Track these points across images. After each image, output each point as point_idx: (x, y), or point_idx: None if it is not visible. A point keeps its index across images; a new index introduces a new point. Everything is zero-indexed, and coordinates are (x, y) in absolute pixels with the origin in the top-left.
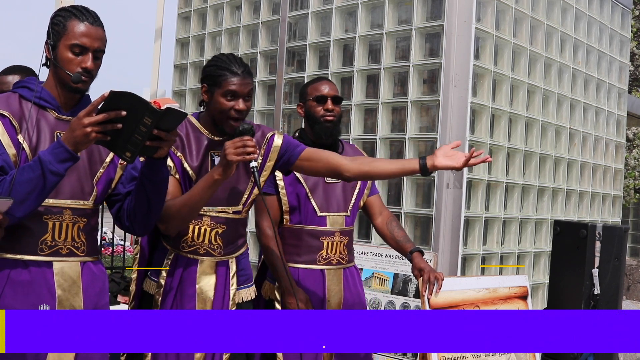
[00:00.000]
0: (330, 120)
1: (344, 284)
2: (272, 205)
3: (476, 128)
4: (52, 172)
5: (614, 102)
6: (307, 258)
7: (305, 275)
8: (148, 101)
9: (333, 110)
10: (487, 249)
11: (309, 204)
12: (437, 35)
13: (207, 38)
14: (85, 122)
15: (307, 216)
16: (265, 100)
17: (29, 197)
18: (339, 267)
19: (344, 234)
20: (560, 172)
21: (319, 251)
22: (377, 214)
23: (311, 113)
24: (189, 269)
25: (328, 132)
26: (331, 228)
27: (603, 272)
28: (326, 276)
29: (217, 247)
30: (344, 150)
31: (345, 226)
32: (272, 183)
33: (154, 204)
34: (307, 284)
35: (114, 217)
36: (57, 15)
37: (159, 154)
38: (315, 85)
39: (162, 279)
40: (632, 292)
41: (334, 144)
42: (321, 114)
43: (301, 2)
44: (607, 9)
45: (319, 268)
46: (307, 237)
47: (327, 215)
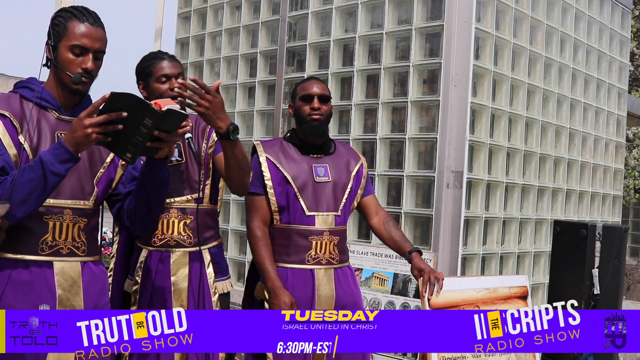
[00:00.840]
0: (317, 119)
1: (335, 283)
2: (261, 205)
3: (476, 128)
4: (53, 173)
5: (614, 102)
6: (296, 258)
7: (295, 275)
8: (149, 102)
9: (319, 109)
10: (487, 249)
11: (298, 203)
12: (437, 35)
13: (207, 38)
14: (86, 123)
15: (295, 216)
16: (265, 100)
17: (30, 197)
18: (329, 267)
19: (333, 234)
20: (560, 172)
21: (307, 251)
22: (373, 214)
23: (299, 112)
24: (162, 263)
25: (314, 131)
26: (320, 227)
27: (603, 272)
28: (316, 276)
29: (187, 238)
30: (336, 149)
31: (335, 226)
32: (260, 183)
33: (154, 203)
34: (296, 284)
35: (115, 217)
36: (58, 16)
37: (160, 155)
38: (304, 85)
39: (137, 277)
40: (632, 292)
41: (324, 144)
42: (307, 112)
43: (301, 2)
44: (607, 9)
45: (309, 268)
46: (296, 236)
47: (315, 215)
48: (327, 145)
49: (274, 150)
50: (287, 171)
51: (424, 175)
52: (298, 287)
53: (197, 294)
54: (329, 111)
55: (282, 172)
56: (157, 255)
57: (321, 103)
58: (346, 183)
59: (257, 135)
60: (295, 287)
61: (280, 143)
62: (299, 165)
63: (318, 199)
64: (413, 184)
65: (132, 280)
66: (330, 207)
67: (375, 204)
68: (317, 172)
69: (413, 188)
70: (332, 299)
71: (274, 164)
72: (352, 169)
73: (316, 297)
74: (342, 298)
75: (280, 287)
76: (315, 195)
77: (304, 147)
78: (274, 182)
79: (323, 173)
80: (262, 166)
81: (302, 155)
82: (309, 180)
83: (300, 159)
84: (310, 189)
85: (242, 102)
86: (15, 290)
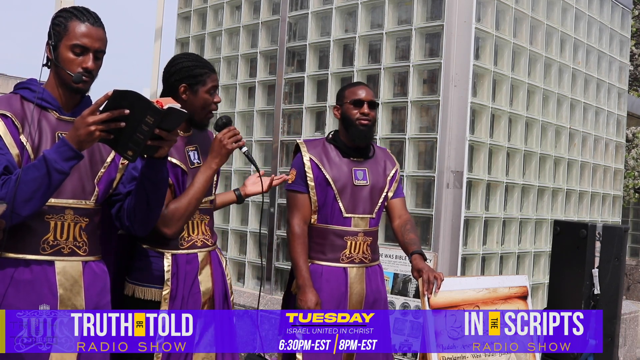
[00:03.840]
0: (365, 124)
1: (366, 282)
2: (304, 203)
3: (476, 128)
4: (57, 171)
5: (614, 102)
6: (332, 256)
7: (329, 272)
8: (151, 100)
9: (369, 114)
10: (487, 249)
11: (337, 204)
12: (437, 35)
13: (207, 38)
14: (89, 121)
15: (333, 216)
16: (265, 100)
17: (34, 195)
18: (361, 265)
19: (367, 235)
20: (560, 172)
21: (342, 250)
22: (396, 217)
23: (347, 116)
24: (189, 264)
25: (362, 135)
26: (355, 229)
27: (603, 272)
28: (349, 274)
29: (208, 238)
30: (375, 153)
31: (369, 227)
32: (304, 182)
33: (153, 203)
34: (330, 281)
35: (114, 217)
36: (59, 16)
37: (160, 154)
38: (353, 89)
39: (167, 283)
40: (632, 292)
41: (365, 148)
42: (357, 117)
43: (301, 2)
44: (607, 9)
45: (342, 266)
46: (332, 236)
47: (352, 217)
48: (367, 149)
49: (317, 150)
50: (328, 173)
51: (424, 175)
52: (332, 283)
53: (222, 294)
54: (375, 117)
55: (323, 173)
56: (184, 257)
57: (370, 109)
58: (382, 187)
59: (256, 136)
60: (329, 283)
61: (323, 144)
62: (339, 167)
63: (356, 201)
64: (413, 183)
65: (154, 287)
66: (366, 209)
67: (401, 207)
68: (357, 176)
69: (413, 188)
70: (362, 297)
71: (317, 164)
72: (388, 172)
73: (348, 295)
74: (371, 296)
75: (309, 286)
76: (353, 198)
77: (345, 149)
78: (316, 182)
79: (362, 177)
80: (306, 166)
81: (342, 158)
82: (349, 183)
83: (341, 162)
84: (349, 192)
85: (242, 102)
86: (17, 289)
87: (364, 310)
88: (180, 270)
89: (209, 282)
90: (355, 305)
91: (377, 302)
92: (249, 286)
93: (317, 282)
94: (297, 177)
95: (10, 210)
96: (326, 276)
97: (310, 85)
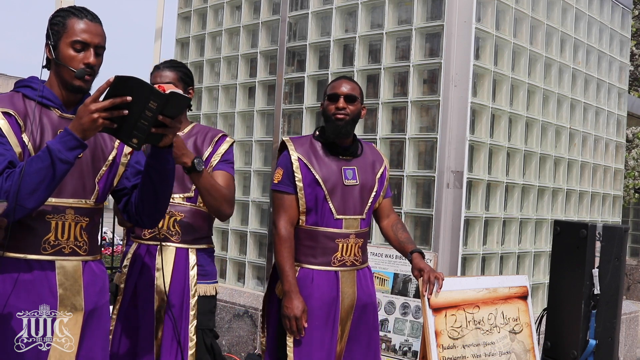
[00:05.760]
0: (341, 119)
1: (357, 285)
2: (290, 204)
3: (476, 128)
4: (61, 160)
5: (614, 102)
6: (323, 259)
7: (320, 277)
8: (153, 85)
9: (344, 108)
10: (487, 249)
11: (327, 206)
12: (437, 35)
13: (207, 38)
14: (92, 108)
15: (323, 218)
16: (265, 100)
17: (39, 187)
18: (352, 268)
19: (359, 236)
20: (560, 172)
21: (334, 253)
22: (385, 216)
23: (325, 111)
24: (149, 256)
25: (337, 131)
26: (346, 230)
27: (603, 272)
28: (340, 278)
29: (175, 234)
30: (363, 151)
31: (360, 229)
32: (291, 182)
33: (161, 194)
34: (321, 287)
35: (122, 211)
36: (56, 16)
37: (164, 143)
38: (333, 84)
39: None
40: (632, 292)
41: (352, 145)
42: (332, 112)
43: (301, 2)
44: (607, 9)
45: (333, 270)
46: (323, 238)
47: (343, 218)
48: (355, 146)
49: (305, 149)
50: (317, 173)
51: (424, 175)
52: (323, 288)
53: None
54: (355, 111)
55: (312, 174)
56: (145, 248)
57: (347, 103)
58: (372, 186)
59: (257, 136)
60: (320, 287)
61: (310, 141)
62: (328, 167)
63: (346, 202)
64: (413, 184)
65: (120, 272)
66: (357, 210)
67: (389, 207)
68: (346, 175)
69: (413, 188)
70: (354, 301)
71: (305, 164)
72: (377, 171)
73: (340, 299)
74: (362, 298)
75: (295, 292)
76: (344, 199)
77: (332, 147)
78: (305, 183)
79: (352, 176)
80: (294, 165)
81: (331, 156)
82: (339, 183)
83: (330, 161)
84: (339, 192)
85: (242, 102)
86: (17, 289)
87: (354, 318)
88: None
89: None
90: (347, 310)
91: (367, 306)
92: (249, 286)
93: (307, 288)
94: (284, 176)
95: (14, 203)
96: (317, 281)
97: (310, 85)
